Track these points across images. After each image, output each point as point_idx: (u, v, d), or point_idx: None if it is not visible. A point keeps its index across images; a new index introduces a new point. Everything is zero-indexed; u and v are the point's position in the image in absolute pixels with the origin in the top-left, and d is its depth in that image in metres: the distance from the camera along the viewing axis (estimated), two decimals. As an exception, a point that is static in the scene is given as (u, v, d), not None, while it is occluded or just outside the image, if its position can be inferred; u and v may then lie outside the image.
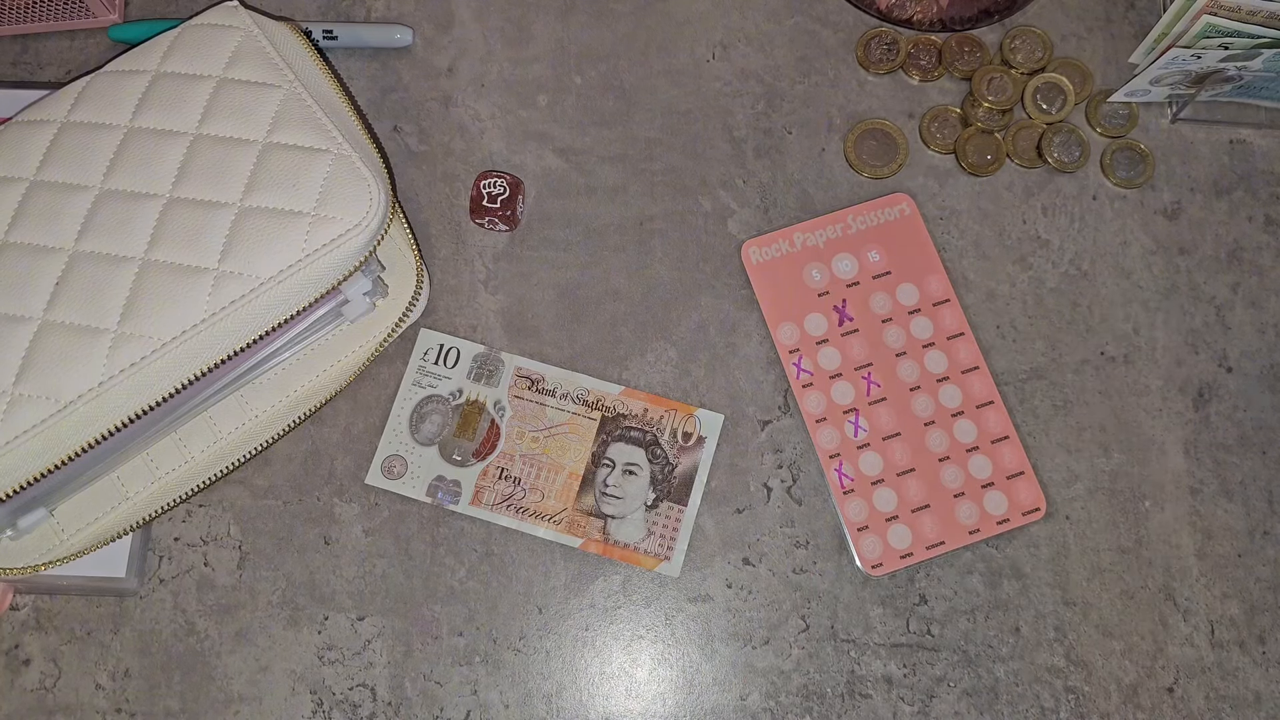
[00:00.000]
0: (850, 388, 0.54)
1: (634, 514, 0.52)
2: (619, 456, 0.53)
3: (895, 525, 0.52)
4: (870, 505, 0.52)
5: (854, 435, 0.53)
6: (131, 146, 0.47)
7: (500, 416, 0.53)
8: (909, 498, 0.52)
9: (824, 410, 0.54)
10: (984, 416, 0.54)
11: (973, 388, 0.54)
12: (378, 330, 0.53)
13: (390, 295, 0.53)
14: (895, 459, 0.53)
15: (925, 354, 0.54)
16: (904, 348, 0.55)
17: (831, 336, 0.55)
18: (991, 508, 0.52)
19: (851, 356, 0.54)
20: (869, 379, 0.54)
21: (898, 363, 0.54)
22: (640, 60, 0.60)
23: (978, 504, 0.52)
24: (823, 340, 0.54)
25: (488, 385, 0.54)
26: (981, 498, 0.52)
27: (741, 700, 0.51)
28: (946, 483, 0.52)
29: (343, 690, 0.51)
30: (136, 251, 0.45)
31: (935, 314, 0.55)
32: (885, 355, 0.54)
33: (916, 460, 0.53)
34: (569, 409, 0.53)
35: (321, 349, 0.53)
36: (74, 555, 0.49)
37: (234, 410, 0.52)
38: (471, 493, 0.53)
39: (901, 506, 0.52)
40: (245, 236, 0.45)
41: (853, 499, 0.52)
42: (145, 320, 0.44)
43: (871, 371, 0.54)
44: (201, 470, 0.51)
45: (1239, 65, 0.53)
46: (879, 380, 0.54)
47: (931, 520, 0.52)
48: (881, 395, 0.54)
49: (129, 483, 0.51)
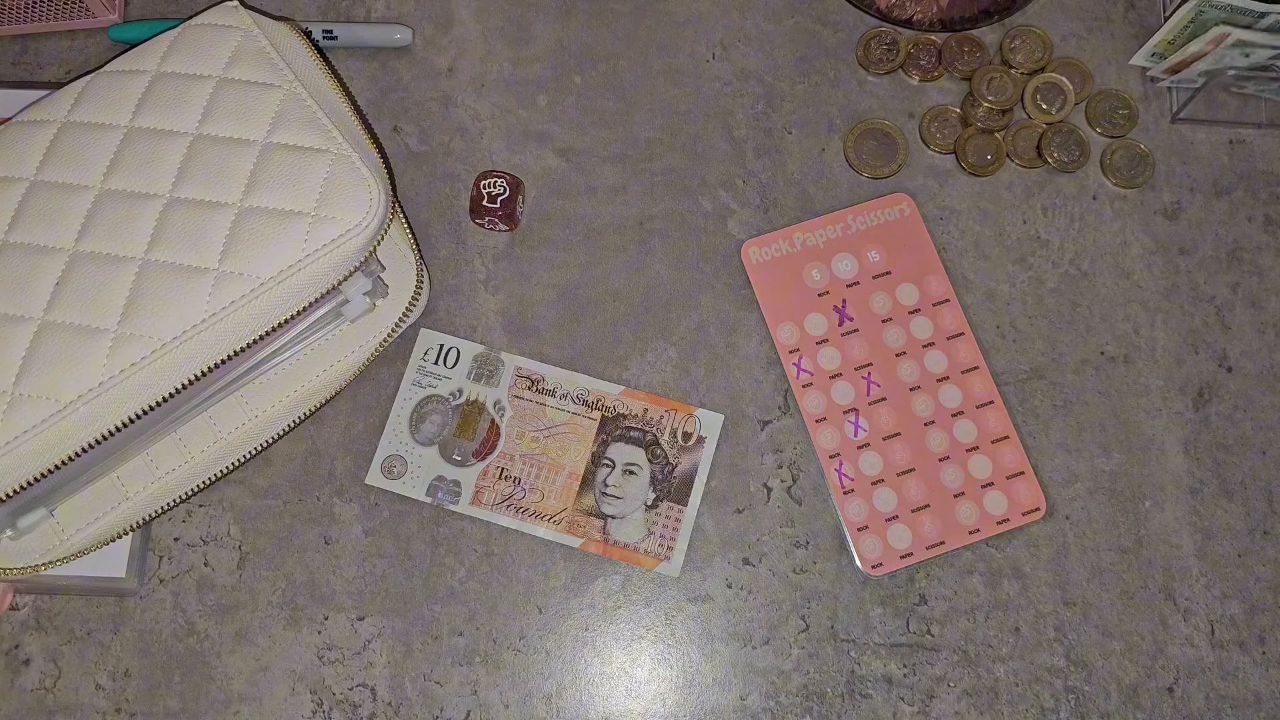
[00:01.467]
0: (850, 388, 0.54)
1: (634, 514, 0.52)
2: (619, 456, 0.53)
3: (895, 525, 0.52)
4: (870, 505, 0.52)
5: (854, 435, 0.53)
6: (131, 146, 0.47)
7: (500, 416, 0.53)
8: (909, 497, 0.52)
9: (824, 410, 0.54)
10: (984, 416, 0.54)
11: (973, 387, 0.54)
12: (378, 330, 0.53)
13: (390, 295, 0.53)
14: (895, 459, 0.53)
15: (925, 354, 0.54)
16: (904, 347, 0.55)
17: (831, 336, 0.55)
18: (992, 508, 0.52)
19: (851, 356, 0.54)
20: (869, 379, 0.54)
21: (898, 363, 0.54)
22: (640, 60, 0.60)
23: (978, 504, 0.52)
24: (823, 340, 0.55)
25: (488, 385, 0.54)
26: (982, 498, 0.52)
27: (741, 700, 0.51)
28: (946, 483, 0.52)
29: (343, 690, 0.51)
30: (136, 252, 0.45)
31: (935, 314, 0.55)
32: (885, 355, 0.54)
33: (916, 460, 0.53)
34: (569, 409, 0.53)
35: (321, 349, 0.53)
36: (74, 555, 0.49)
37: (234, 410, 0.52)
38: (471, 493, 0.53)
39: (901, 506, 0.52)
40: (245, 237, 0.45)
41: (853, 499, 0.52)
42: (145, 320, 0.44)
43: (871, 371, 0.54)
44: (202, 470, 0.51)
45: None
46: (879, 380, 0.54)
47: (931, 520, 0.52)
48: (881, 395, 0.54)
49: (129, 482, 0.51)
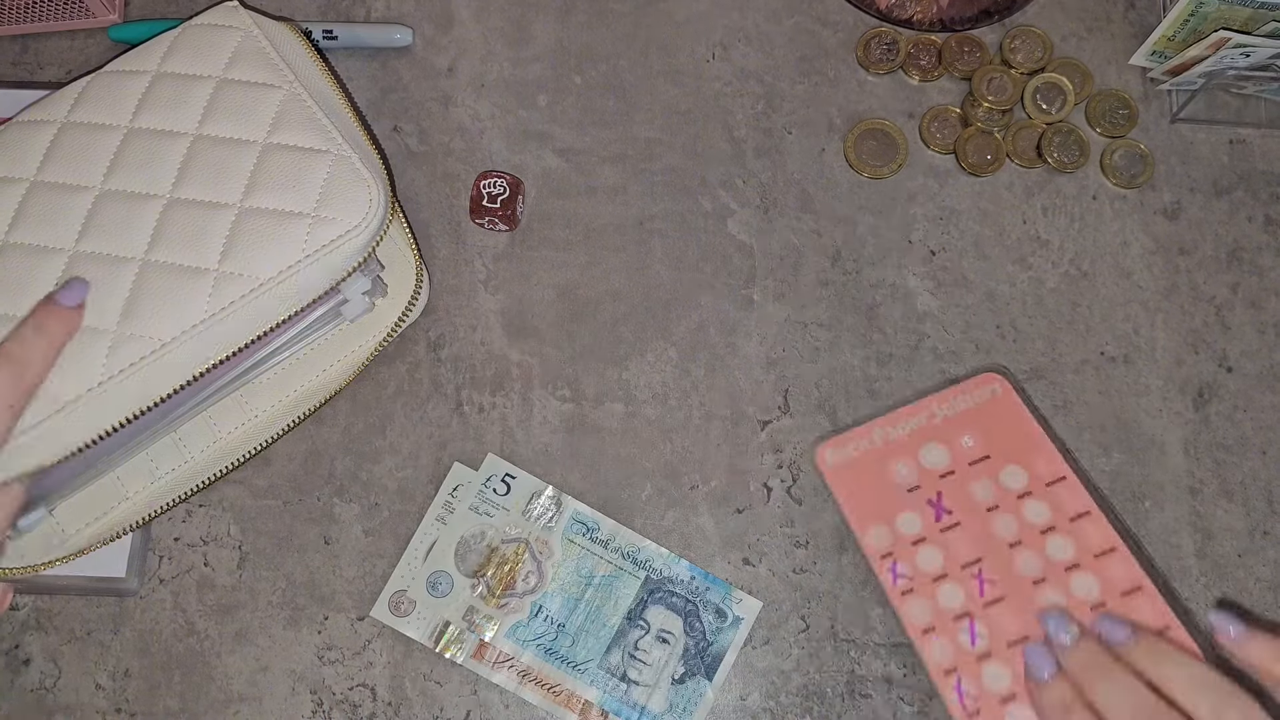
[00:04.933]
0: (958, 589, 0.45)
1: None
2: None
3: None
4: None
5: (971, 644, 0.44)
6: (132, 147, 0.47)
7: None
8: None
9: (931, 618, 0.45)
10: (1134, 604, 0.44)
11: (1112, 572, 0.44)
12: (377, 329, 0.53)
13: (390, 295, 0.53)
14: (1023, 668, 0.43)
15: (1046, 540, 0.46)
16: (1018, 536, 0.46)
17: (929, 534, 0.47)
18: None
19: (956, 554, 0.46)
20: (980, 577, 0.46)
21: (1013, 554, 0.46)
22: (640, 60, 0.60)
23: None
24: (919, 540, 0.47)
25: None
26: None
27: (741, 700, 0.51)
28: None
29: (343, 690, 0.51)
30: (137, 252, 0.45)
31: (1050, 494, 0.47)
32: (997, 547, 0.46)
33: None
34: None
35: (321, 348, 0.53)
36: (74, 555, 0.49)
37: (233, 410, 0.52)
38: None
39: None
40: (245, 237, 0.45)
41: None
42: (145, 320, 0.44)
43: (983, 568, 0.46)
44: (201, 470, 0.51)
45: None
46: (993, 576, 0.46)
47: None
48: (998, 594, 0.45)
49: (128, 482, 0.51)
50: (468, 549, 0.52)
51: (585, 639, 0.51)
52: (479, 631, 0.51)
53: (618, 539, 0.53)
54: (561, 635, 0.51)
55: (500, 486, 0.53)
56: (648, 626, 0.51)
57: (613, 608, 0.52)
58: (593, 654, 0.51)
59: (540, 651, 0.51)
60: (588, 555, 0.52)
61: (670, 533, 0.53)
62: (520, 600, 0.52)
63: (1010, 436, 0.48)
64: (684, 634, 0.51)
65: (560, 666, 0.51)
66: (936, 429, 0.48)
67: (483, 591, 0.52)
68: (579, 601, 0.52)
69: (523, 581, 0.52)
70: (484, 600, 0.52)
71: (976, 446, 0.48)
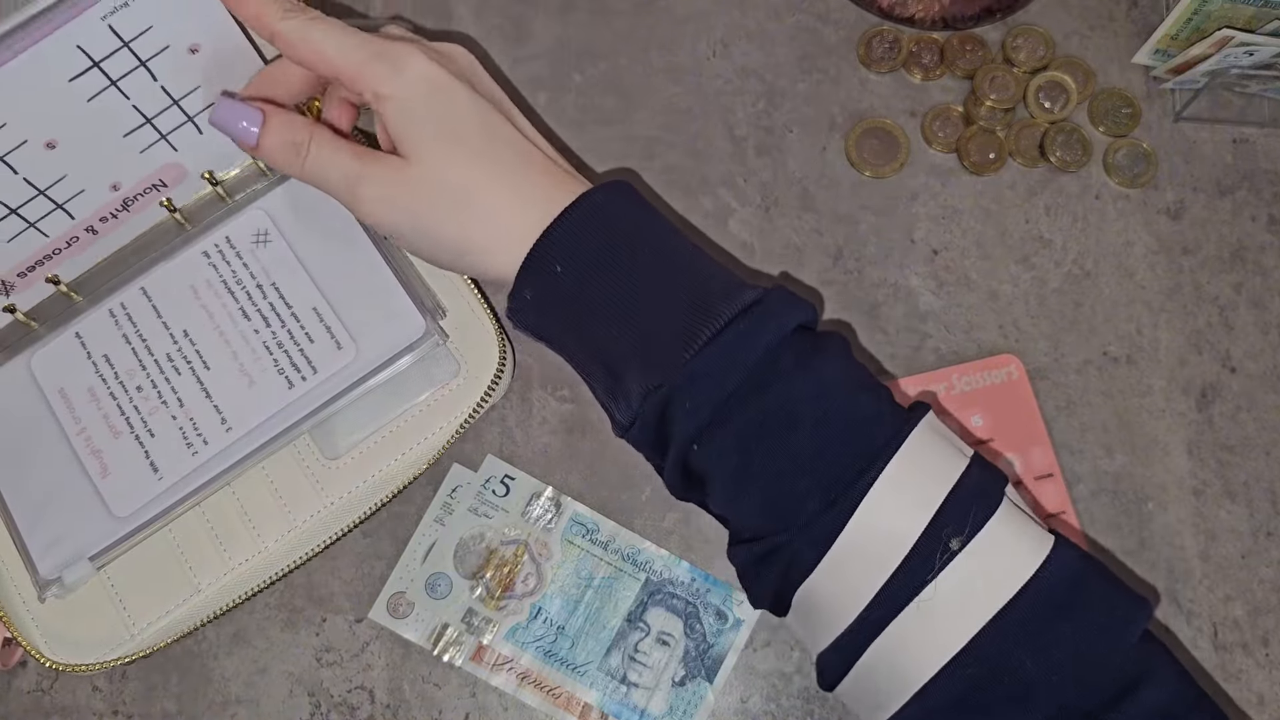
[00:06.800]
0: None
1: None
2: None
3: None
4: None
5: None
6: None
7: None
8: None
9: None
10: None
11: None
12: (459, 409, 0.51)
13: (470, 370, 0.51)
14: None
15: None
16: None
17: None
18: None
19: None
20: None
21: None
22: (640, 58, 0.60)
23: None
24: None
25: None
26: None
27: (742, 703, 0.51)
28: None
29: (341, 693, 0.51)
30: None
31: (1037, 489, 0.50)
32: None
33: None
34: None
35: (400, 432, 0.51)
36: (144, 652, 0.48)
37: (309, 498, 0.50)
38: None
39: None
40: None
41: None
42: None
43: None
44: (276, 560, 0.50)
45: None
46: None
47: None
48: None
49: (200, 574, 0.49)
50: (466, 550, 0.52)
51: (585, 641, 0.51)
52: (478, 633, 0.51)
53: (617, 540, 0.52)
54: (561, 637, 0.51)
55: (499, 488, 0.53)
56: (648, 628, 0.51)
57: (613, 610, 0.51)
58: (592, 656, 0.51)
59: (540, 654, 0.51)
60: (587, 557, 0.52)
61: (670, 534, 0.53)
62: (519, 602, 0.51)
63: (1015, 423, 0.51)
64: (684, 636, 0.51)
65: (560, 669, 0.51)
66: (953, 401, 0.51)
67: (482, 593, 0.51)
68: (579, 603, 0.51)
69: (522, 583, 0.52)
70: (483, 602, 0.51)
71: (984, 427, 0.51)
